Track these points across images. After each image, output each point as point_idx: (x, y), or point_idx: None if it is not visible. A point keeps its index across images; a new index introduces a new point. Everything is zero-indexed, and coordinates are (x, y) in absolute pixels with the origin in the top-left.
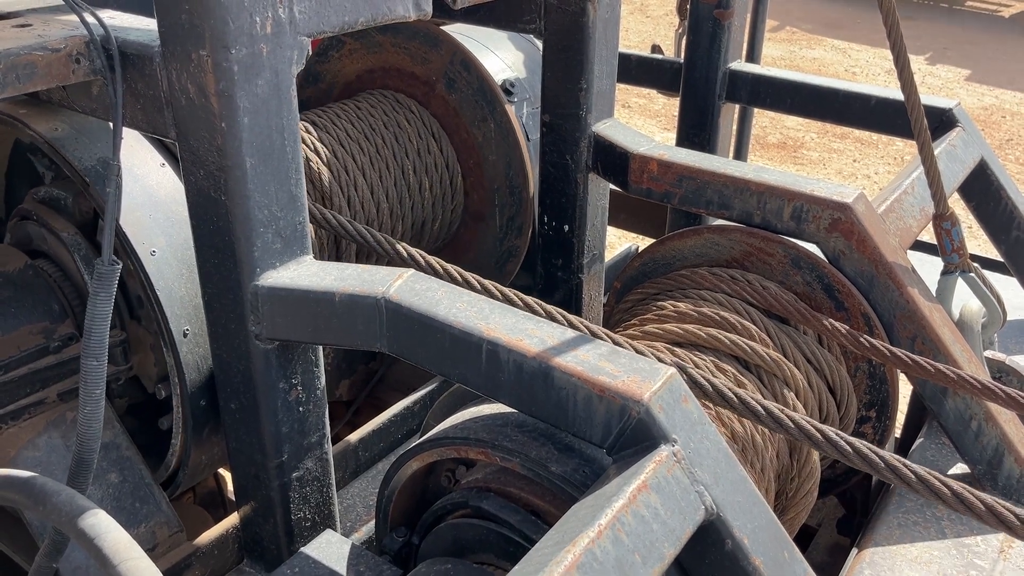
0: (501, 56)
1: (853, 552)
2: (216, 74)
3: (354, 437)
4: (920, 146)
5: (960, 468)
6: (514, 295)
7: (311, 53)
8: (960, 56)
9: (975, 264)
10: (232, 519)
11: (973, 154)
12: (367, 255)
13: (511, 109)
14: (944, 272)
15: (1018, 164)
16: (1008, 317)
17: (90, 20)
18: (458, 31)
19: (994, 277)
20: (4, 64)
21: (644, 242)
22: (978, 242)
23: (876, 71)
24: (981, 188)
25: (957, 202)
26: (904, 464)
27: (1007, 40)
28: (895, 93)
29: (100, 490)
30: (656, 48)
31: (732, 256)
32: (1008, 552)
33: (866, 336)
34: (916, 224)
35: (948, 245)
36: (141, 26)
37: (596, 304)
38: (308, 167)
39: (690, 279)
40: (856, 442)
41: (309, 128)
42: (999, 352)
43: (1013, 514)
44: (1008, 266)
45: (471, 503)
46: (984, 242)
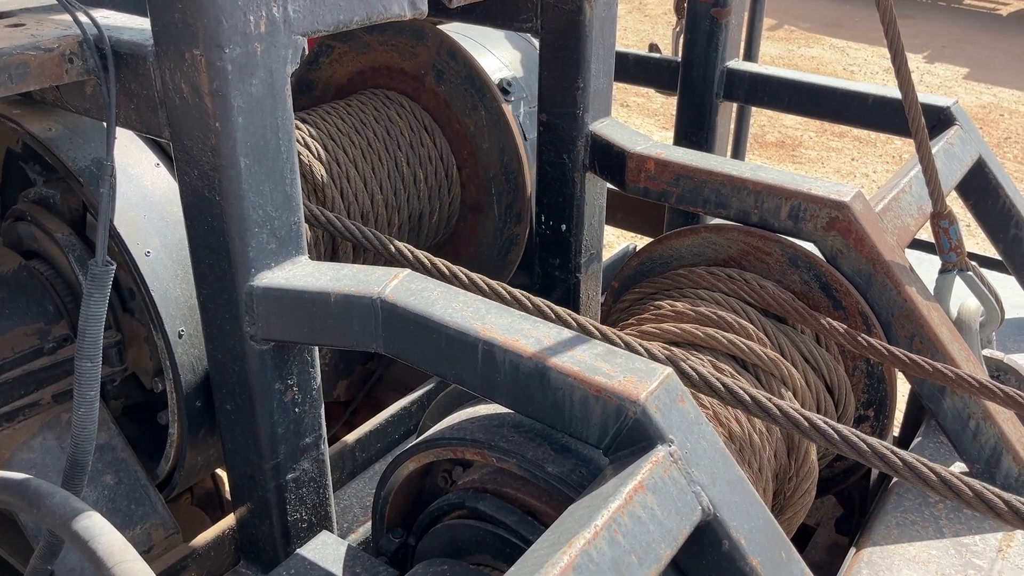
0: (498, 55)
1: (851, 551)
2: (210, 73)
3: (351, 438)
4: (918, 144)
5: (958, 467)
6: (520, 294)
7: (307, 52)
8: (958, 54)
9: (973, 262)
10: (228, 520)
11: (971, 152)
12: (363, 253)
13: (500, 95)
14: (942, 271)
15: (1016, 162)
16: (1006, 315)
17: (83, 19)
18: (455, 30)
19: (992, 275)
20: None
21: (642, 241)
22: (976, 240)
23: (874, 69)
24: (979, 186)
25: (955, 200)
26: (891, 451)
27: (1005, 38)
28: (893, 91)
29: (95, 492)
30: (654, 47)
31: (729, 255)
32: (1007, 551)
33: (864, 335)
34: (914, 223)
35: (946, 243)
36: (134, 25)
37: (594, 303)
38: (299, 161)
39: (687, 278)
40: (844, 429)
41: (298, 124)
42: (997, 351)
43: (1001, 499)
44: (1006, 264)
45: (467, 504)
46: (982, 240)
